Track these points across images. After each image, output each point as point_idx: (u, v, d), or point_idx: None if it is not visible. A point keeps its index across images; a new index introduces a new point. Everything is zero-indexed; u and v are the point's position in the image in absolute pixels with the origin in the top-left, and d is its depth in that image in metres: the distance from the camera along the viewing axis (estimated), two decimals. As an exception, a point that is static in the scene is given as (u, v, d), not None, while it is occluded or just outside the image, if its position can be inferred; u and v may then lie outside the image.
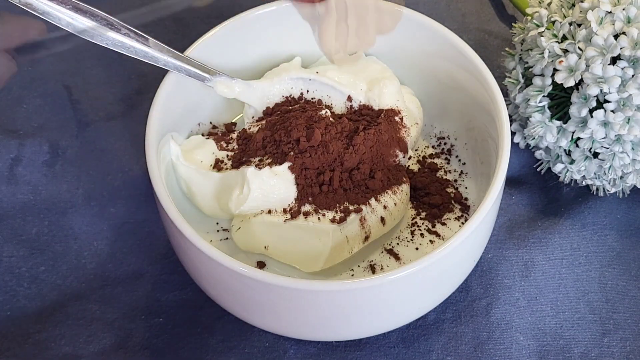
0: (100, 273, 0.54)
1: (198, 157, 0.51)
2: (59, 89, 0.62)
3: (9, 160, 0.58)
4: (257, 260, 0.51)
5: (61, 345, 0.51)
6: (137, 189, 0.57)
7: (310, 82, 0.55)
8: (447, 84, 0.55)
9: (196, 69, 0.52)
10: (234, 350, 0.51)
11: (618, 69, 0.49)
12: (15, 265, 0.54)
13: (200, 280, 0.49)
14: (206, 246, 0.44)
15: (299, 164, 0.49)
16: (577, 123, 0.51)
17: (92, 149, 0.59)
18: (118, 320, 0.52)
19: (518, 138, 0.56)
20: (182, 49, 0.52)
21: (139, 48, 0.50)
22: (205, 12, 0.67)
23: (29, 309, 0.52)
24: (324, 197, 0.49)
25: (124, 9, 0.66)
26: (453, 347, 0.51)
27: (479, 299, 0.53)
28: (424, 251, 0.51)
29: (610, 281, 0.54)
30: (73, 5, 0.48)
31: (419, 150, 0.56)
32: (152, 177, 0.47)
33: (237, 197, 0.49)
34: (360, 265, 0.51)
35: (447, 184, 0.54)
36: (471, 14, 0.67)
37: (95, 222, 0.56)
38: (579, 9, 0.51)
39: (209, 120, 0.56)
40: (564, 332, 0.52)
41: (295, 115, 0.51)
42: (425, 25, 0.54)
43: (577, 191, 0.57)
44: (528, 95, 0.52)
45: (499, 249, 0.55)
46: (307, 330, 0.48)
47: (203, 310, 0.52)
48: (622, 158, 0.51)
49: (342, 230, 0.49)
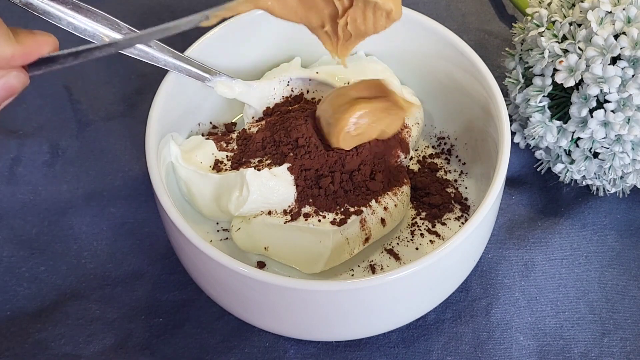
0: (100, 273, 0.54)
1: (198, 158, 0.51)
2: (59, 89, 0.62)
3: (9, 160, 0.58)
4: (257, 260, 0.51)
5: (61, 345, 0.51)
6: (137, 189, 0.57)
7: (310, 82, 0.55)
8: (447, 84, 0.55)
9: (196, 69, 0.52)
10: (234, 350, 0.51)
11: (618, 69, 0.49)
12: (15, 265, 0.54)
13: (200, 280, 0.49)
14: (206, 246, 0.44)
15: (299, 165, 0.49)
16: (577, 123, 0.51)
17: (92, 149, 0.59)
18: (118, 320, 0.52)
19: (518, 138, 0.56)
20: (182, 49, 0.52)
21: (139, 48, 0.50)
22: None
23: (29, 309, 0.52)
24: (324, 199, 0.49)
25: (124, 9, 0.66)
26: (453, 347, 0.51)
27: (479, 299, 0.53)
28: (424, 251, 0.51)
29: (610, 281, 0.54)
30: (73, 5, 0.48)
31: (419, 150, 0.56)
32: (152, 178, 0.47)
33: (236, 199, 0.49)
34: (360, 266, 0.51)
35: (447, 184, 0.54)
36: (471, 14, 0.67)
37: (95, 222, 0.56)
38: (579, 9, 0.51)
39: (209, 120, 0.56)
40: (564, 332, 0.52)
41: (295, 116, 0.51)
42: (425, 25, 0.54)
43: (577, 191, 0.57)
44: (528, 95, 0.52)
45: (499, 249, 0.55)
46: (307, 330, 0.48)
47: (203, 310, 0.52)
48: (622, 158, 0.51)
49: (342, 232, 0.49)
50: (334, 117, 0.49)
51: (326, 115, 0.50)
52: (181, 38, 0.60)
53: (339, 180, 0.50)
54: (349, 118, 0.48)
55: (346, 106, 0.49)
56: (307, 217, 0.49)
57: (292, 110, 0.53)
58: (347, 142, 0.49)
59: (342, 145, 0.49)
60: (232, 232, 0.51)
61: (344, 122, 0.48)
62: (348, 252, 0.49)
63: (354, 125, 0.49)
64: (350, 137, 0.49)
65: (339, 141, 0.49)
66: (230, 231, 0.51)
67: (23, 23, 0.66)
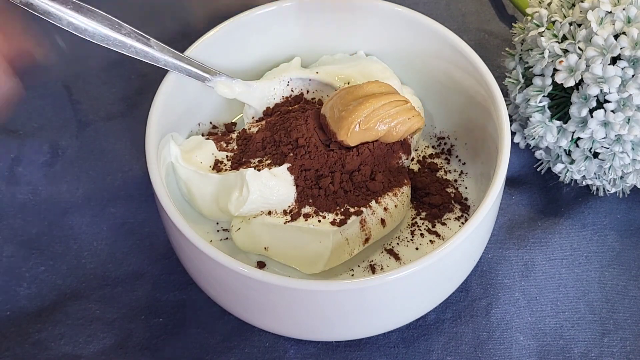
0: (100, 273, 0.54)
1: (197, 158, 0.51)
2: (59, 89, 0.62)
3: (9, 160, 0.58)
4: (257, 260, 0.51)
5: (61, 345, 0.51)
6: (137, 189, 0.57)
7: (310, 82, 0.55)
8: (447, 84, 0.55)
9: (197, 69, 0.52)
10: (234, 350, 0.51)
11: (618, 69, 0.49)
12: (15, 265, 0.54)
13: (200, 280, 0.49)
14: (206, 246, 0.44)
15: (299, 165, 0.49)
16: (577, 123, 0.51)
17: (92, 149, 0.59)
18: (118, 320, 0.52)
19: (518, 138, 0.56)
20: (182, 49, 0.52)
21: (139, 48, 0.50)
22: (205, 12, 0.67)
23: (29, 309, 0.52)
24: (324, 199, 0.49)
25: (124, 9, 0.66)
26: (453, 347, 0.51)
27: (479, 299, 0.53)
28: (424, 251, 0.51)
29: (610, 281, 0.54)
30: (74, 5, 0.48)
31: (419, 150, 0.56)
32: (152, 178, 0.47)
33: (236, 199, 0.49)
34: (360, 265, 0.51)
35: (447, 184, 0.54)
36: (471, 14, 0.67)
37: (95, 222, 0.56)
38: (579, 9, 0.51)
39: (209, 120, 0.56)
40: (564, 332, 0.52)
41: (295, 116, 0.51)
42: (425, 25, 0.54)
43: (577, 191, 0.57)
44: (528, 95, 0.52)
45: (499, 249, 0.55)
46: (307, 330, 0.48)
47: (203, 310, 0.52)
48: (622, 158, 0.51)
49: (342, 232, 0.49)
50: (346, 109, 0.49)
51: (335, 110, 0.50)
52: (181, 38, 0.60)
53: (339, 180, 0.50)
54: (362, 110, 0.49)
55: (360, 100, 0.50)
56: (307, 218, 0.49)
57: (292, 110, 0.53)
58: (354, 136, 0.49)
59: (349, 139, 0.49)
60: (232, 232, 0.51)
61: (357, 113, 0.49)
62: (348, 252, 0.49)
63: (365, 118, 0.49)
64: (359, 132, 0.49)
65: (347, 134, 0.49)
66: (230, 231, 0.51)
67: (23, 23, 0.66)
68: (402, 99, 0.51)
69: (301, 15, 0.55)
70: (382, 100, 0.50)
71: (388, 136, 0.50)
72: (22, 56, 0.39)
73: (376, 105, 0.49)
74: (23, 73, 0.53)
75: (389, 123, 0.50)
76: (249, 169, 0.49)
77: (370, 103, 0.49)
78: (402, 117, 0.50)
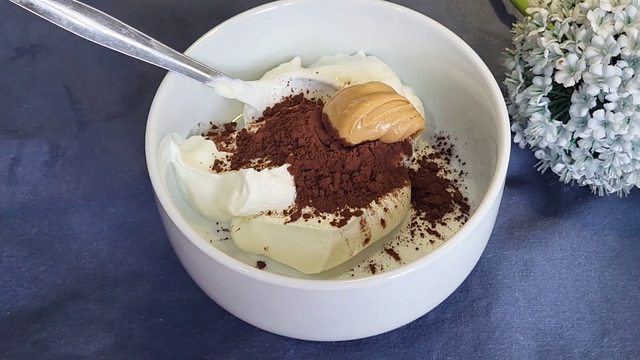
0: (100, 273, 0.54)
1: (197, 158, 0.51)
2: (59, 89, 0.62)
3: (9, 160, 0.58)
4: (257, 260, 0.51)
5: (61, 345, 0.51)
6: (137, 189, 0.57)
7: (310, 82, 0.55)
8: (447, 84, 0.55)
9: (197, 69, 0.52)
10: (234, 350, 0.51)
11: (618, 69, 0.49)
12: (15, 265, 0.54)
13: (200, 280, 0.49)
14: (206, 246, 0.44)
15: (299, 165, 0.49)
16: (577, 123, 0.51)
17: (92, 149, 0.59)
18: (118, 320, 0.52)
19: (518, 138, 0.56)
20: (182, 49, 0.52)
21: (139, 48, 0.50)
22: (205, 12, 0.67)
23: (28, 309, 0.52)
24: (324, 200, 0.49)
25: (124, 9, 0.66)
26: (453, 347, 0.51)
27: (479, 299, 0.53)
28: (424, 251, 0.51)
29: (610, 281, 0.54)
30: (74, 5, 0.48)
31: (419, 150, 0.56)
32: (152, 178, 0.47)
33: (236, 199, 0.49)
34: (360, 265, 0.51)
35: (447, 184, 0.54)
36: (471, 14, 0.67)
37: (95, 222, 0.56)
38: (579, 9, 0.51)
39: (209, 120, 0.56)
40: (564, 332, 0.52)
41: (295, 116, 0.51)
42: (425, 25, 0.54)
43: (577, 191, 0.57)
44: (528, 95, 0.52)
45: (499, 249, 0.55)
46: (307, 330, 0.48)
47: (203, 310, 0.52)
48: (622, 158, 0.51)
49: (342, 233, 0.49)
50: (349, 106, 0.49)
51: (338, 108, 0.50)
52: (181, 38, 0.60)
53: (339, 180, 0.50)
54: (365, 107, 0.49)
55: (363, 98, 0.50)
56: (307, 218, 0.49)
57: (292, 110, 0.53)
58: (356, 134, 0.49)
59: (351, 137, 0.49)
60: (232, 232, 0.51)
61: (360, 110, 0.49)
62: (348, 252, 0.49)
63: (367, 116, 0.49)
64: (361, 129, 0.49)
65: (350, 131, 0.49)
66: (230, 231, 0.51)
67: (23, 23, 0.66)
68: (404, 99, 0.51)
69: (301, 15, 0.55)
70: (385, 99, 0.50)
71: (389, 136, 0.50)
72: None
73: (378, 104, 0.50)
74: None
75: (391, 122, 0.50)
76: (248, 169, 0.49)
77: (373, 101, 0.50)
78: (404, 116, 0.50)
